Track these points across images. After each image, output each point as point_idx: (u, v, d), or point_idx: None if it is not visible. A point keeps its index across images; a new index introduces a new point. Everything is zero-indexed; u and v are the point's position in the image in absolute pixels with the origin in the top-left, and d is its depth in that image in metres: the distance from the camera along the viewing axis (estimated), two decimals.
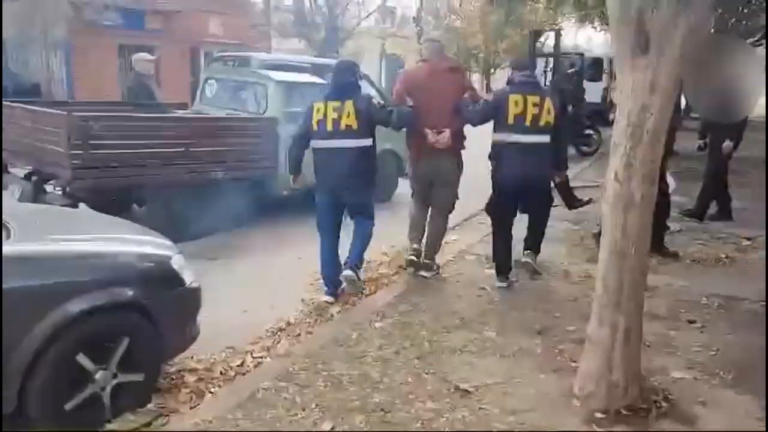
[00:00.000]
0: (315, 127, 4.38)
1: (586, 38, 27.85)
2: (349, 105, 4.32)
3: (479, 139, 5.14)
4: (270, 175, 6.37)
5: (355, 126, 4.32)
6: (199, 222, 5.83)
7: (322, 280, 4.62)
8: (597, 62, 17.15)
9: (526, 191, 4.65)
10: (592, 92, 14.92)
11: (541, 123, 4.48)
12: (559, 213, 5.95)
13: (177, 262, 3.13)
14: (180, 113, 7.12)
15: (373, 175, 4.55)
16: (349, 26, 20.16)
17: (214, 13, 20.08)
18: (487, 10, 30.45)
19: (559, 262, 5.51)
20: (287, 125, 6.28)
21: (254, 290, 4.67)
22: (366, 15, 20.65)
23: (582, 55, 15.88)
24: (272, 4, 21.59)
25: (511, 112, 4.45)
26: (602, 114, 13.96)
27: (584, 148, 12.47)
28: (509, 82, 4.74)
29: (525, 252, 4.90)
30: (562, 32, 14.98)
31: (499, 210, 4.86)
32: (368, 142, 4.43)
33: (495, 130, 4.62)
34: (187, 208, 5.78)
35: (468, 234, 6.49)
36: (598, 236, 4.11)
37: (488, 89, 36.05)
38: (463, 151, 4.92)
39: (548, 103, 4.50)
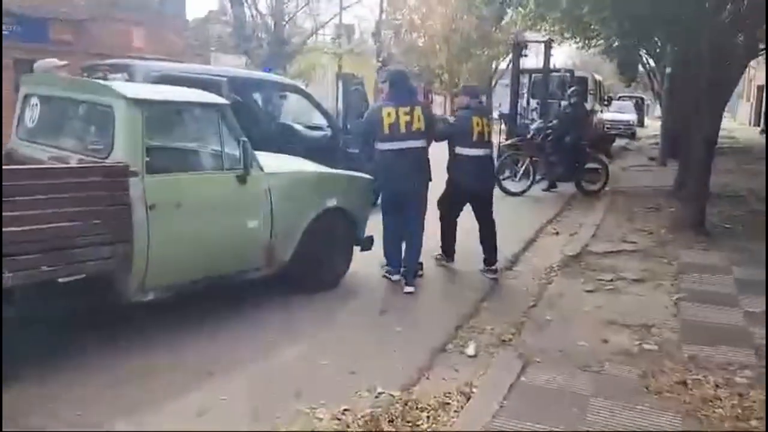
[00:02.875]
0: (387, 131, 5.00)
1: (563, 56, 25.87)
2: (417, 110, 5.10)
3: None
4: (118, 272, 3.56)
5: (423, 129, 5.13)
6: None
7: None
8: (581, 81, 14.79)
9: (476, 195, 5.75)
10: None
11: (487, 139, 5.62)
12: None
13: None
14: None
15: (430, 170, 5.36)
16: (299, 41, 17.49)
17: (138, 25, 17.16)
18: (451, 27, 28.28)
19: None
20: (157, 177, 3.61)
21: None
22: (318, 28, 17.98)
23: (572, 72, 13.58)
24: (211, 16, 18.82)
25: (475, 131, 5.46)
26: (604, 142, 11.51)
27: (588, 186, 9.97)
28: (467, 106, 5.66)
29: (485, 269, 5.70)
30: (552, 44, 12.55)
31: (450, 206, 5.83)
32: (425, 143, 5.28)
33: (458, 144, 5.53)
34: None
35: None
36: None
37: (452, 112, 33.81)
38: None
39: (490, 123, 5.78)
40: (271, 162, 4.74)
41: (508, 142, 10.65)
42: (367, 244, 5.31)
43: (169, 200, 3.75)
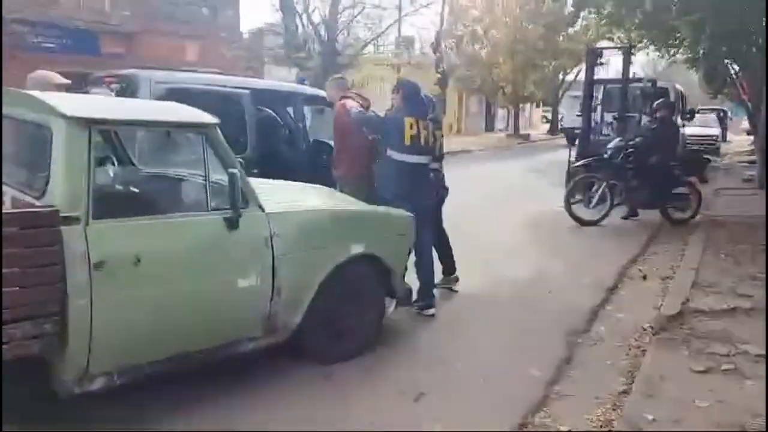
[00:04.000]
0: (408, 142, 4.66)
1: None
2: (432, 126, 4.87)
3: None
4: (48, 355, 2.59)
5: (437, 146, 5.05)
6: None
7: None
8: (663, 93, 13.12)
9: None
10: None
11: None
12: None
13: None
14: None
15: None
16: (353, 52, 16.58)
17: (190, 38, 16.75)
18: (515, 37, 26.89)
19: None
20: (108, 224, 2.67)
21: None
22: (372, 38, 17.03)
23: (654, 82, 12.03)
24: (266, 28, 18.25)
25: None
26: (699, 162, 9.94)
27: (676, 214, 8.50)
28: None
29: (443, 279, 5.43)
30: (633, 51, 11.10)
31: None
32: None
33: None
34: None
35: None
36: None
37: (516, 128, 32.24)
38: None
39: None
40: (281, 197, 3.71)
41: (581, 162, 9.27)
42: (404, 298, 4.20)
43: (124, 255, 2.75)
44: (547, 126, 39.51)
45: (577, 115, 25.72)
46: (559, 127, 31.22)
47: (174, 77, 5.45)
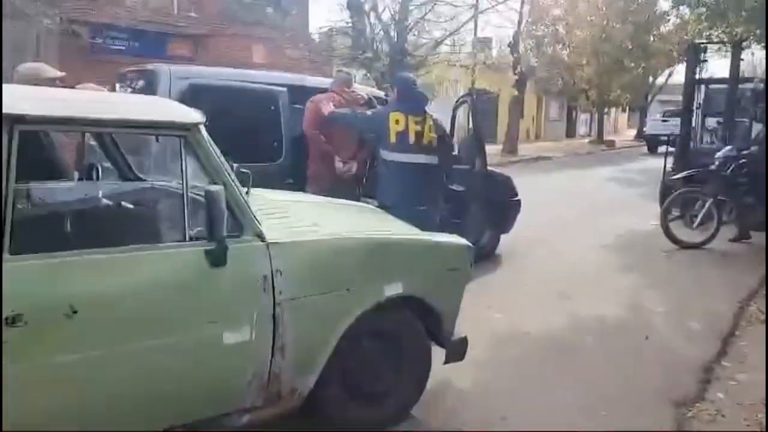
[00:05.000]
0: (394, 139, 4.29)
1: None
2: (429, 121, 4.39)
3: None
4: None
5: (435, 144, 4.38)
6: None
7: None
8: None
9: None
10: None
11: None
12: None
13: None
14: None
15: (440, 199, 4.55)
16: (424, 52, 15.65)
17: (258, 40, 16.36)
18: (601, 37, 25.14)
19: None
20: (29, 263, 1.96)
21: None
22: (444, 37, 16.01)
23: None
24: (336, 26, 17.65)
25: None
26: None
27: None
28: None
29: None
30: (743, 47, 9.62)
31: None
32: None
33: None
34: None
35: None
36: None
37: (600, 134, 30.28)
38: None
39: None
40: (298, 218, 2.87)
41: (682, 174, 7.94)
42: (458, 349, 3.26)
43: (53, 305, 1.98)
44: (633, 132, 37.14)
45: (663, 120, 23.80)
46: (642, 132, 29.01)
47: (198, 72, 4.75)
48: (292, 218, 2.90)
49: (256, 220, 2.47)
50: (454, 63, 15.89)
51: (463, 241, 3.27)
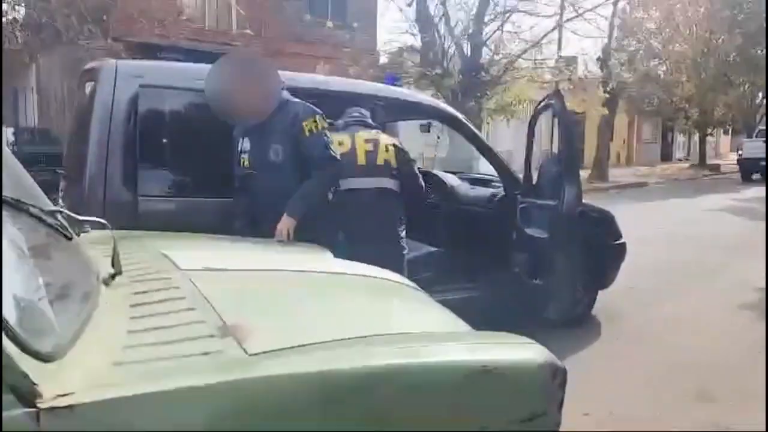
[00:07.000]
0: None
1: None
2: (384, 138, 3.62)
3: None
4: None
5: (393, 163, 3.57)
6: None
7: None
8: None
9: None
10: None
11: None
12: None
13: None
14: None
15: (401, 230, 3.58)
16: (499, 68, 14.02)
17: (320, 59, 15.39)
18: (703, 51, 22.61)
19: None
20: None
21: None
22: (524, 50, 14.30)
23: None
24: (408, 43, 16.42)
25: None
26: None
27: None
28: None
29: None
30: None
31: None
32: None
33: None
34: None
35: None
36: None
37: (702, 157, 27.31)
38: None
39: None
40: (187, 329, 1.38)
41: None
42: None
43: None
44: (736, 156, 33.56)
45: (765, 141, 20.28)
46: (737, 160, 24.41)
47: (159, 69, 3.43)
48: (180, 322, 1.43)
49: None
50: (535, 80, 14.14)
51: (538, 352, 1.65)
